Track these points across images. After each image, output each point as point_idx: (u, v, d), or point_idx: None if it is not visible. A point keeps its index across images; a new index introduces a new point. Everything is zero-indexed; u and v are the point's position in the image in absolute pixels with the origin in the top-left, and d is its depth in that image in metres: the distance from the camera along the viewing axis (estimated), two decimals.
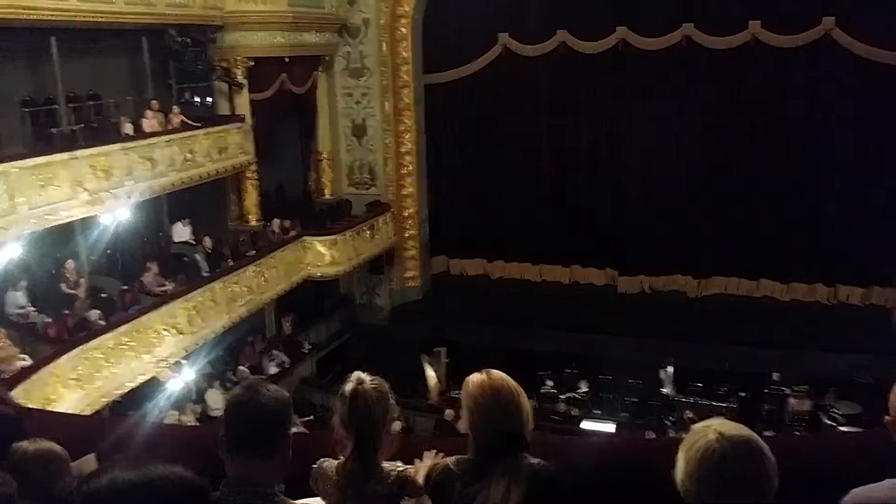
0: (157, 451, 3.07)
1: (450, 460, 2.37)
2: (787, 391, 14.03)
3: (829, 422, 13.14)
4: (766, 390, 14.18)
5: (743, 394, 14.37)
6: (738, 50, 16.36)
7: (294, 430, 2.20)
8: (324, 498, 2.48)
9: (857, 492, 2.00)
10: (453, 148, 19.20)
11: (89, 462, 2.87)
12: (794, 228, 16.45)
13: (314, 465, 2.53)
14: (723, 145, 17.06)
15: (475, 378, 2.36)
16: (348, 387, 2.44)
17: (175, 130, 13.85)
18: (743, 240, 16.75)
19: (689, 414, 13.79)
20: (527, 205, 18.24)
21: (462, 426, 2.38)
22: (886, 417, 2.11)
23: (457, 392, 15.46)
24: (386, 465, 2.46)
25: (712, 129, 17.12)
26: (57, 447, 2.65)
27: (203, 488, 1.69)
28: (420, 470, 2.54)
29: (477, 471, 2.27)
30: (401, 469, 2.48)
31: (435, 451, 2.63)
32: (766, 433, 11.73)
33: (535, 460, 2.27)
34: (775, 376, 14.45)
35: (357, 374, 2.48)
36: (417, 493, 2.48)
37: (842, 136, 16.06)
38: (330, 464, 2.50)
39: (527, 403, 2.33)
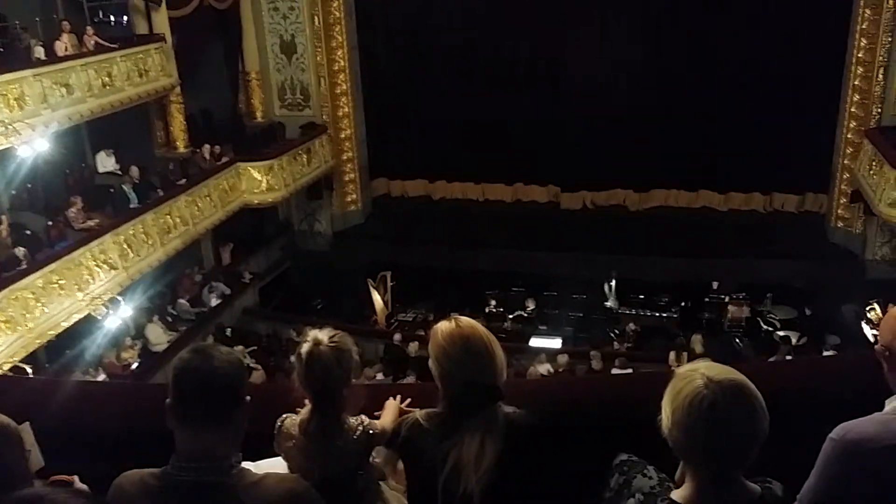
0: (94, 412, 2.82)
1: (420, 414, 2.21)
2: (726, 299, 14.43)
3: (767, 327, 13.61)
4: (706, 299, 14.53)
5: (683, 303, 14.74)
6: None
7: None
8: (287, 459, 2.31)
9: (846, 427, 1.91)
10: (388, 65, 18.51)
11: (24, 434, 2.34)
12: (730, 139, 16.56)
13: (277, 422, 2.35)
14: (660, 58, 16.91)
15: (443, 327, 2.20)
16: (304, 348, 2.24)
17: (90, 53, 12.96)
18: (682, 152, 16.81)
19: (632, 326, 14.14)
20: (466, 123, 17.82)
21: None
22: (876, 347, 2.02)
23: (403, 315, 15.51)
24: (351, 420, 2.31)
25: (650, 41, 16.94)
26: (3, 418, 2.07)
27: None
28: (386, 414, 2.40)
29: (449, 425, 2.12)
30: (366, 423, 2.32)
31: (399, 397, 2.50)
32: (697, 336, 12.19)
33: (509, 409, 2.15)
34: (714, 285, 14.83)
35: (314, 333, 2.27)
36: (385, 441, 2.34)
37: (775, 47, 16.05)
38: (292, 420, 2.34)
39: (500, 352, 2.18)
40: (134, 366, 12.02)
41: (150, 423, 2.00)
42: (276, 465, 2.26)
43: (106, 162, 14.19)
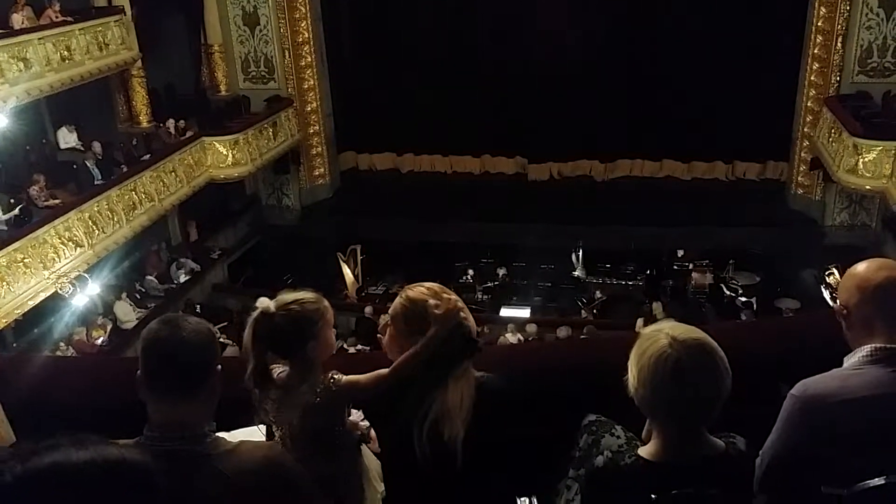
0: (64, 386, 2.81)
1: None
2: (690, 266, 14.72)
3: (729, 293, 13.91)
4: (674, 267, 14.79)
5: (648, 271, 15.00)
6: None
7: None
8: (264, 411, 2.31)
9: (806, 383, 1.96)
10: (353, 37, 18.35)
11: None
12: (693, 109, 16.67)
13: None
14: (624, 30, 16.98)
15: (411, 289, 2.28)
16: (252, 315, 2.29)
17: (47, 26, 12.63)
18: (646, 122, 16.98)
19: (599, 294, 14.38)
20: (433, 94, 17.73)
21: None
22: (835, 306, 2.08)
23: (374, 288, 15.56)
24: (321, 375, 2.31)
25: (613, 11, 16.96)
26: None
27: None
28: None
29: (430, 376, 2.15)
30: (335, 375, 2.30)
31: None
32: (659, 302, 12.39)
33: (479, 373, 2.18)
34: (679, 253, 15.09)
35: (262, 300, 2.30)
36: (359, 397, 2.32)
37: (735, 17, 16.20)
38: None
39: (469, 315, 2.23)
40: (100, 340, 11.92)
41: (122, 395, 1.98)
42: (251, 434, 2.25)
43: (68, 138, 13.93)
